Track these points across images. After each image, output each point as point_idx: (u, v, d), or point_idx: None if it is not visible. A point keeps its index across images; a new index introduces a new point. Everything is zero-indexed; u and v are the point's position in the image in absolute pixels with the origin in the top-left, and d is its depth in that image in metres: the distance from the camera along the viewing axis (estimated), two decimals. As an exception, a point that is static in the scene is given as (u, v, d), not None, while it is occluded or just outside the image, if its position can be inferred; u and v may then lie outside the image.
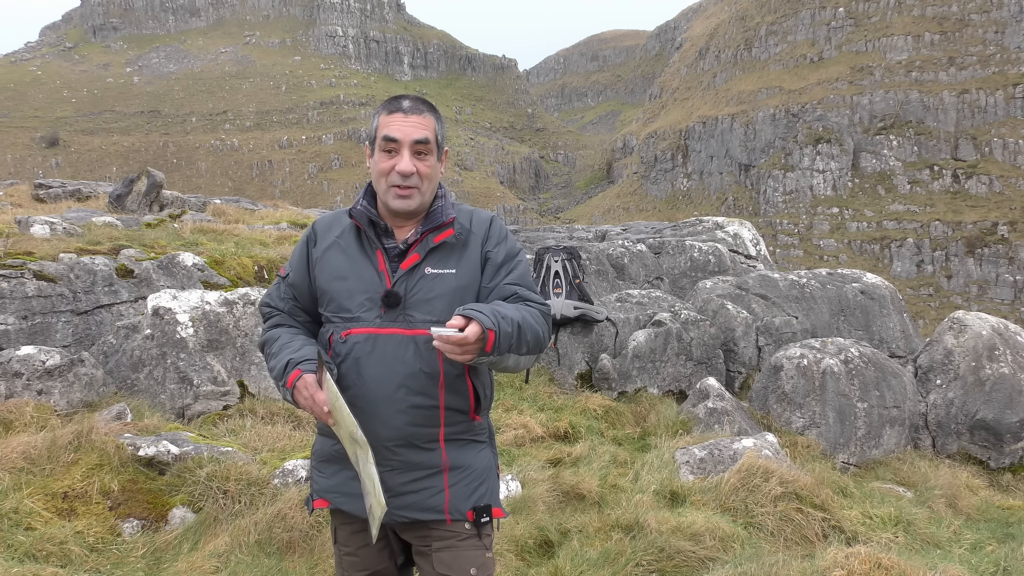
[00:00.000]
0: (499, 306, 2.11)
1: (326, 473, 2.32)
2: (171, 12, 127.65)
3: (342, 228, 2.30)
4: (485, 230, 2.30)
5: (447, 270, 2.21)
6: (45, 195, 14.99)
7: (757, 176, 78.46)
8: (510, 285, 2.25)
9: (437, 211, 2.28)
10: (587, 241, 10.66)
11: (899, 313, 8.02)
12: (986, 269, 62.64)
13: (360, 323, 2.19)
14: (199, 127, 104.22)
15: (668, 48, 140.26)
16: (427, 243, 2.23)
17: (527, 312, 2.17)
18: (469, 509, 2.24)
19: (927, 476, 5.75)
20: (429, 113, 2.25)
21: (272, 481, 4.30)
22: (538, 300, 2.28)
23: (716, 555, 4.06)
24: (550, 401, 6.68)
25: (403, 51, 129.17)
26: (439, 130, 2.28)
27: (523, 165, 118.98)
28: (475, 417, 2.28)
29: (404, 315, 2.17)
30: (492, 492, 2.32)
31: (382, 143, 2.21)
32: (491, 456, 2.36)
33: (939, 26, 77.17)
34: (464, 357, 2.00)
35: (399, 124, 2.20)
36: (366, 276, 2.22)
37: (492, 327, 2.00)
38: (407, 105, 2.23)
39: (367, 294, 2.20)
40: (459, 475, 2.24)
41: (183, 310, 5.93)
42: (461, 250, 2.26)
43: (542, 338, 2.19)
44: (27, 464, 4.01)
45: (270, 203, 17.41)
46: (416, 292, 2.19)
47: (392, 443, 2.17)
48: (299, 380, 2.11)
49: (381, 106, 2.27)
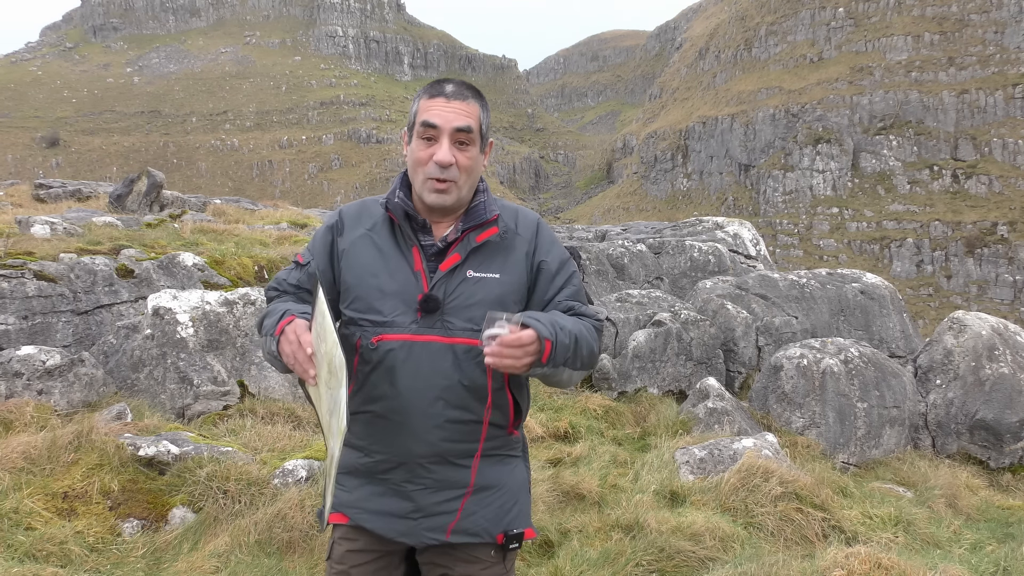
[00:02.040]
0: (557, 316, 1.97)
1: (348, 487, 2.11)
2: (171, 12, 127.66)
3: (374, 220, 2.09)
4: (533, 233, 2.12)
5: (490, 274, 2.03)
6: (45, 195, 15.00)
7: (757, 176, 78.45)
8: (568, 302, 2.10)
9: (479, 207, 2.08)
10: (587, 241, 10.67)
11: (899, 313, 8.03)
12: (986, 269, 62.62)
13: (394, 328, 1.99)
14: (199, 127, 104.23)
15: (668, 48, 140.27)
16: (469, 242, 2.04)
17: (584, 326, 2.03)
18: (500, 532, 2.07)
19: (927, 476, 5.75)
20: (474, 100, 2.05)
21: (272, 481, 4.30)
22: (594, 315, 2.14)
23: (716, 555, 4.06)
24: (550, 401, 6.68)
25: (403, 51, 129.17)
26: (484, 119, 2.07)
27: (523, 165, 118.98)
28: (512, 431, 2.13)
29: (443, 321, 1.99)
30: (524, 513, 2.14)
31: (420, 129, 2.01)
32: (525, 471, 2.20)
33: (939, 26, 77.17)
34: (518, 365, 1.84)
35: (440, 109, 2.00)
36: (400, 276, 2.02)
37: (550, 337, 1.86)
38: (450, 89, 2.03)
39: (401, 296, 2.00)
40: (493, 495, 2.07)
41: (183, 310, 5.93)
42: (506, 253, 2.07)
43: (596, 354, 2.07)
44: (27, 464, 4.01)
45: (270, 203, 17.42)
46: (456, 297, 2.00)
47: (426, 459, 2.01)
48: (289, 325, 1.90)
49: (423, 89, 2.08)
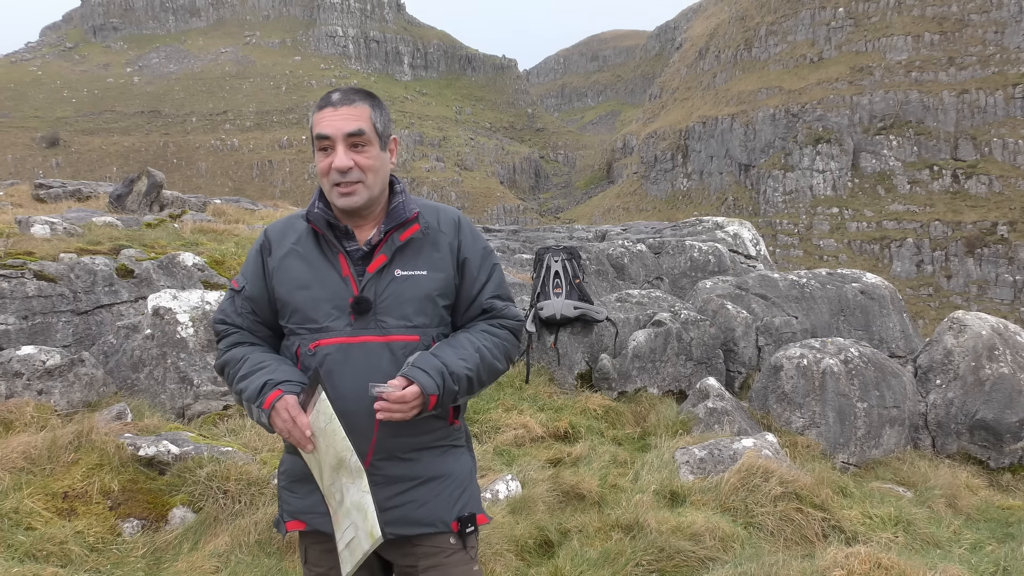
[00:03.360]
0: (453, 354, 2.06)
1: (299, 493, 2.17)
2: (171, 12, 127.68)
3: (298, 234, 2.15)
4: (455, 230, 2.19)
5: (418, 271, 2.11)
6: (45, 195, 15.01)
7: (757, 176, 78.47)
8: (490, 299, 2.20)
9: (399, 207, 2.15)
10: (587, 241, 10.68)
11: (899, 313, 8.03)
12: (986, 269, 62.65)
13: (329, 333, 2.06)
14: (199, 127, 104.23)
15: (668, 48, 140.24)
16: (393, 242, 2.11)
17: (491, 344, 2.14)
18: (454, 519, 2.14)
19: (927, 476, 5.75)
20: (362, 102, 2.10)
21: (272, 481, 4.29)
22: (512, 315, 2.24)
23: (716, 555, 4.06)
24: (550, 401, 6.68)
25: (403, 51, 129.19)
26: (376, 118, 2.12)
27: (523, 165, 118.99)
28: (454, 422, 2.20)
29: (376, 321, 2.07)
30: (475, 499, 2.23)
31: (317, 142, 2.09)
32: (470, 461, 2.28)
33: (939, 26, 77.18)
34: (407, 416, 1.96)
35: (329, 119, 2.07)
36: (330, 283, 2.09)
37: (435, 391, 1.96)
38: (336, 98, 2.09)
39: (333, 302, 2.07)
40: (442, 484, 2.15)
41: (183, 310, 5.93)
42: (430, 250, 2.15)
43: (504, 366, 2.18)
44: (27, 464, 4.01)
45: (270, 203, 17.44)
46: (387, 296, 2.08)
47: (373, 457, 2.06)
48: (279, 400, 1.97)
49: (314, 105, 2.14)
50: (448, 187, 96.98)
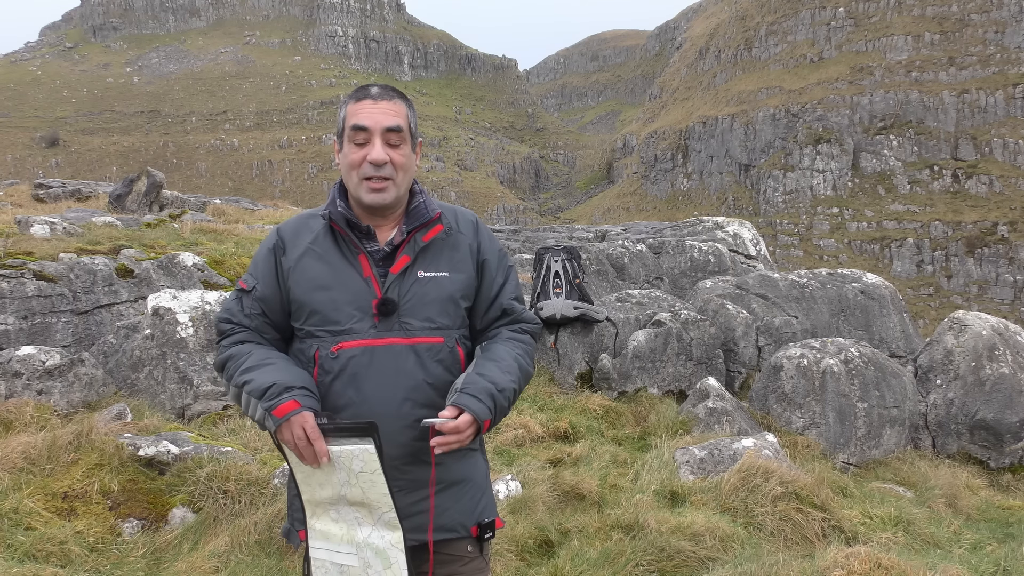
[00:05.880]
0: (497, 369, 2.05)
1: None
2: (171, 12, 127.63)
3: (314, 233, 2.10)
4: (474, 231, 2.20)
5: (440, 272, 2.09)
6: (45, 195, 15.00)
7: (757, 176, 78.43)
8: (510, 301, 2.21)
9: (420, 208, 2.13)
10: (587, 241, 10.68)
11: (899, 313, 8.02)
12: (986, 269, 62.61)
13: (352, 335, 2.01)
14: (199, 127, 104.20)
15: (668, 48, 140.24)
16: (416, 243, 2.09)
17: (521, 350, 2.16)
18: (474, 524, 2.13)
19: (927, 476, 5.75)
20: (400, 100, 2.09)
21: (272, 481, 4.29)
22: (531, 319, 2.26)
23: (716, 555, 4.05)
24: (550, 401, 6.68)
25: (403, 51, 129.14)
26: (411, 118, 2.12)
27: (523, 165, 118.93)
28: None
29: (400, 323, 2.03)
30: (492, 504, 2.22)
31: (351, 133, 2.04)
32: (485, 464, 2.27)
33: (939, 26, 77.16)
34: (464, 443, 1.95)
35: (368, 111, 2.04)
36: (352, 284, 2.04)
37: (488, 416, 1.96)
38: (376, 92, 2.07)
39: (355, 303, 2.03)
40: (463, 489, 2.12)
41: (183, 310, 5.93)
42: (451, 251, 2.13)
43: (533, 371, 2.21)
44: (27, 464, 4.01)
45: (270, 203, 17.44)
46: (411, 297, 2.05)
47: (399, 461, 2.01)
48: (296, 415, 1.87)
49: (347, 96, 2.11)
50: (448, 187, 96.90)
